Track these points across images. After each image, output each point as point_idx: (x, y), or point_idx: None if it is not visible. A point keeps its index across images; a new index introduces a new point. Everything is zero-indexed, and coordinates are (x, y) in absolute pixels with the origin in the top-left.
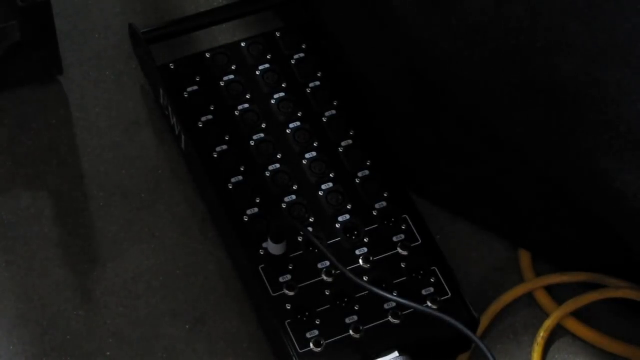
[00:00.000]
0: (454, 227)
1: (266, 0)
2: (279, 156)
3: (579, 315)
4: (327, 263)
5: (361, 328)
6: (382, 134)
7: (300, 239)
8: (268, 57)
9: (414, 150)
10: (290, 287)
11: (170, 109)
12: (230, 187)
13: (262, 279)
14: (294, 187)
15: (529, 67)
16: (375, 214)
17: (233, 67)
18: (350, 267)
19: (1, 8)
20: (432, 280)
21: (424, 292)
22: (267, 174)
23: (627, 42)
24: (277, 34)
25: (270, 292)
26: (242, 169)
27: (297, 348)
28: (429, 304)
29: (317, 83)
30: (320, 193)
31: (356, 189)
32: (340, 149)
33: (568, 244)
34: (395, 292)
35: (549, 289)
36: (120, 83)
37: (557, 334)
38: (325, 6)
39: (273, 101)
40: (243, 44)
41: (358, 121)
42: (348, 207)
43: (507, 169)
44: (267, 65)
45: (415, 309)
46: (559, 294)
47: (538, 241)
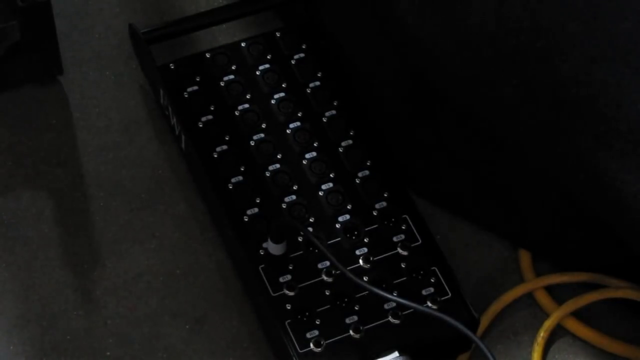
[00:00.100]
0: (454, 227)
1: (266, 0)
2: (279, 156)
3: (579, 315)
4: (327, 263)
5: (361, 328)
6: (382, 134)
7: (300, 239)
8: (268, 57)
9: (414, 150)
10: (290, 287)
11: (170, 109)
12: (230, 187)
13: (262, 279)
14: (294, 187)
15: (529, 67)
16: (375, 214)
17: (233, 67)
18: (350, 267)
19: (1, 8)
20: (432, 280)
21: (424, 292)
22: (267, 174)
23: (627, 42)
24: (277, 34)
25: (270, 292)
26: (242, 169)
27: (297, 348)
28: (429, 304)
29: (317, 83)
30: (320, 193)
31: (356, 189)
32: (340, 149)
33: (568, 244)
34: (395, 292)
35: (549, 289)
36: (120, 83)
37: (557, 334)
38: (325, 6)
39: (273, 101)
40: (243, 44)
41: (358, 121)
42: (348, 207)
43: (507, 169)
44: (267, 65)
45: (415, 309)
46: (559, 294)
47: (538, 241)
